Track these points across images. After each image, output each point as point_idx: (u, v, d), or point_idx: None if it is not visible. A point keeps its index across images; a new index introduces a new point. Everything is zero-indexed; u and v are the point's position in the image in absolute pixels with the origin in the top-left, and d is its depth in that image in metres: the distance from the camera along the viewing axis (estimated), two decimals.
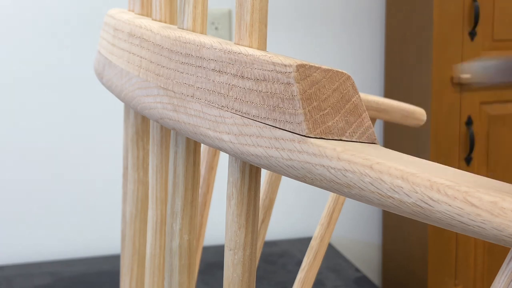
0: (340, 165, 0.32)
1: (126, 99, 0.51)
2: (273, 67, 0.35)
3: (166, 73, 0.43)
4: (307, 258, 0.65)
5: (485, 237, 0.28)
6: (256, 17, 0.38)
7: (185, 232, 0.47)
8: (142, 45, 0.47)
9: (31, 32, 1.59)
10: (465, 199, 0.28)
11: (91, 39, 1.61)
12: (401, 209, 0.30)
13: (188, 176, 0.46)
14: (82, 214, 1.67)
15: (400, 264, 1.79)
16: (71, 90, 1.63)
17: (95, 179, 1.66)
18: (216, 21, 1.70)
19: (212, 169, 0.67)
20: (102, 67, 0.58)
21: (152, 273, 0.54)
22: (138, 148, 0.58)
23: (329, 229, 0.65)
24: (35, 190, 1.63)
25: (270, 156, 0.35)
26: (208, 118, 0.39)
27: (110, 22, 0.56)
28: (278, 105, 0.35)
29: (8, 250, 1.63)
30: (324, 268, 1.58)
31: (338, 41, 1.80)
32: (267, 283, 1.50)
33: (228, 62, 0.38)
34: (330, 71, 0.34)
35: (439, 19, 1.58)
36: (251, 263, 0.41)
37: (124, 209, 0.62)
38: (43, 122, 1.62)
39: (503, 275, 0.29)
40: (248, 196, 0.40)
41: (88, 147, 1.65)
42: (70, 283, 1.50)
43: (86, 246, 1.68)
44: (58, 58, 1.61)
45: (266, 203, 0.64)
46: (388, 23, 1.80)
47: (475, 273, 1.67)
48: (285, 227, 1.80)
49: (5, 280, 1.51)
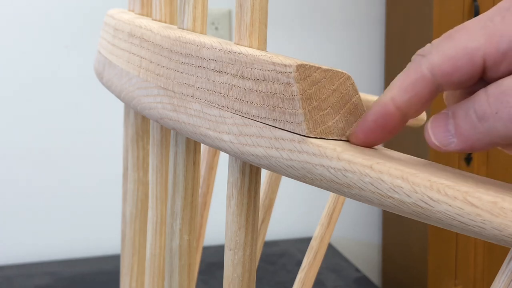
0: (340, 165, 0.32)
1: (126, 99, 0.51)
2: (273, 67, 0.35)
3: (166, 73, 0.43)
4: (307, 258, 0.65)
5: (485, 237, 0.28)
6: (256, 17, 0.38)
7: (185, 232, 0.47)
8: (142, 45, 0.47)
9: (31, 32, 1.59)
10: (465, 199, 0.28)
11: (91, 39, 1.61)
12: (401, 209, 0.30)
13: (188, 176, 0.46)
14: (82, 214, 1.67)
15: (400, 264, 1.79)
16: (71, 90, 1.63)
17: (95, 179, 1.66)
18: (216, 21, 1.70)
19: (212, 169, 0.67)
20: (102, 67, 0.57)
21: (152, 273, 0.54)
22: (138, 148, 0.58)
23: (329, 229, 0.65)
24: (35, 190, 1.63)
25: (270, 156, 0.35)
26: (208, 118, 0.39)
27: (110, 22, 0.56)
28: (278, 105, 0.35)
29: (8, 250, 1.63)
30: (324, 268, 1.58)
31: (338, 41, 1.80)
32: (267, 283, 1.50)
33: (228, 62, 0.38)
34: (330, 71, 0.34)
35: (439, 19, 1.58)
36: (251, 263, 0.41)
37: (124, 209, 0.62)
38: (43, 122, 1.62)
39: (503, 275, 0.29)
40: (248, 196, 0.40)
41: (88, 147, 1.65)
42: (70, 283, 1.50)
43: (86, 246, 1.68)
44: (58, 58, 1.61)
45: (266, 203, 0.64)
46: (388, 23, 1.80)
47: (475, 273, 1.67)
48: (285, 227, 1.80)
49: (5, 280, 1.51)
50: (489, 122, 0.29)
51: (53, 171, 1.63)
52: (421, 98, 0.32)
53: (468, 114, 0.30)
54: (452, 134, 0.31)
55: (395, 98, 0.32)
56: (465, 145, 0.30)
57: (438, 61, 0.31)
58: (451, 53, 0.30)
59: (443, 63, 0.31)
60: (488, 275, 1.67)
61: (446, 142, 0.31)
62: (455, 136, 0.31)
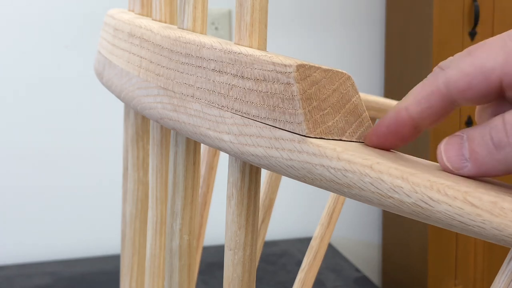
0: (340, 165, 0.32)
1: (126, 99, 0.51)
2: (273, 67, 0.35)
3: (166, 73, 0.43)
4: (307, 258, 0.65)
5: (485, 237, 0.28)
6: (256, 17, 0.38)
7: (185, 232, 0.47)
8: (142, 45, 0.47)
9: (31, 32, 1.59)
10: (465, 199, 0.28)
11: (91, 39, 1.61)
12: (401, 209, 0.30)
13: (188, 176, 0.46)
14: (82, 214, 1.67)
15: (400, 264, 1.79)
16: (71, 90, 1.63)
17: (95, 179, 1.66)
18: (216, 21, 1.70)
19: (212, 169, 0.67)
20: (102, 67, 0.57)
21: (152, 273, 0.54)
22: (138, 148, 0.58)
23: (329, 229, 0.65)
24: (35, 190, 1.63)
25: (270, 156, 0.35)
26: (208, 118, 0.39)
27: (110, 22, 0.56)
28: (278, 105, 0.35)
29: (8, 250, 1.63)
30: (324, 268, 1.58)
31: (338, 41, 1.80)
32: (267, 283, 1.50)
33: (228, 62, 0.38)
34: (330, 71, 0.34)
35: (439, 19, 1.58)
36: (251, 263, 0.41)
37: (124, 209, 0.62)
38: (43, 122, 1.62)
39: (503, 275, 0.29)
40: (248, 196, 0.40)
41: (88, 147, 1.65)
42: (70, 283, 1.50)
43: (86, 246, 1.68)
44: (58, 58, 1.61)
45: (266, 203, 0.64)
46: (388, 23, 1.80)
47: (475, 273, 1.67)
48: (285, 227, 1.80)
49: (5, 280, 1.51)
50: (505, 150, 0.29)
51: (53, 171, 1.63)
52: (435, 111, 0.32)
53: (484, 139, 0.30)
54: (466, 158, 0.30)
55: (409, 108, 0.32)
56: (480, 171, 0.30)
57: (455, 77, 0.31)
58: (468, 70, 0.30)
59: (459, 79, 0.31)
60: (488, 275, 1.67)
61: (460, 165, 0.30)
62: (470, 161, 0.30)
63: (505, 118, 0.29)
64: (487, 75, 0.30)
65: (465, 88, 0.30)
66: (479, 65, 0.30)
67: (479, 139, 0.30)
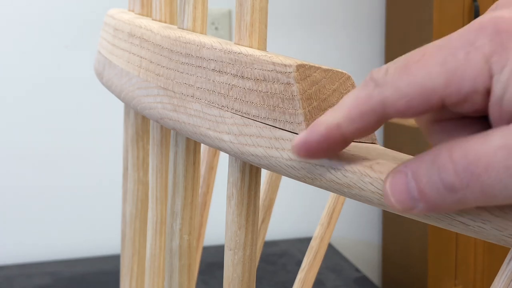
0: (340, 165, 0.32)
1: (126, 99, 0.51)
2: (273, 67, 0.35)
3: (166, 73, 0.43)
4: (307, 258, 0.65)
5: (485, 237, 0.28)
6: (256, 17, 0.38)
7: (185, 232, 0.47)
8: (142, 45, 0.47)
9: (31, 32, 1.59)
10: None
11: (91, 39, 1.61)
12: None
13: (188, 176, 0.46)
14: (82, 214, 1.67)
15: (400, 264, 1.79)
16: (71, 90, 1.63)
17: (95, 179, 1.66)
18: (216, 21, 1.70)
19: (212, 169, 0.67)
20: (102, 67, 0.58)
21: (152, 273, 0.54)
22: (138, 148, 0.58)
23: (329, 229, 0.65)
24: (35, 190, 1.63)
25: (270, 156, 0.35)
26: (208, 118, 0.39)
27: (110, 22, 0.56)
28: (278, 105, 0.35)
29: (8, 250, 1.63)
30: (324, 268, 1.58)
31: (338, 41, 1.80)
32: (267, 283, 1.50)
33: (228, 62, 0.38)
34: (330, 71, 0.34)
35: (439, 19, 1.58)
36: (251, 263, 0.41)
37: (124, 209, 0.62)
38: (43, 122, 1.62)
39: (503, 275, 0.29)
40: (248, 196, 0.40)
41: (88, 147, 1.65)
42: (70, 283, 1.50)
43: (86, 246, 1.68)
44: (58, 58, 1.61)
45: (266, 203, 0.64)
46: (388, 23, 1.80)
47: (475, 273, 1.67)
48: (285, 227, 1.80)
49: (5, 280, 1.51)
50: (459, 194, 0.26)
51: (53, 171, 1.63)
52: (368, 128, 0.30)
53: (432, 180, 0.27)
54: (417, 198, 0.28)
55: (341, 125, 0.30)
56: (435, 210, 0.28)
57: (392, 98, 0.28)
58: (406, 90, 0.28)
59: (397, 100, 0.28)
60: (488, 275, 1.67)
61: (411, 205, 0.28)
62: (421, 202, 0.27)
63: (453, 156, 0.27)
64: (427, 96, 0.28)
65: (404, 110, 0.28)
66: (419, 85, 0.28)
67: (426, 179, 0.27)
